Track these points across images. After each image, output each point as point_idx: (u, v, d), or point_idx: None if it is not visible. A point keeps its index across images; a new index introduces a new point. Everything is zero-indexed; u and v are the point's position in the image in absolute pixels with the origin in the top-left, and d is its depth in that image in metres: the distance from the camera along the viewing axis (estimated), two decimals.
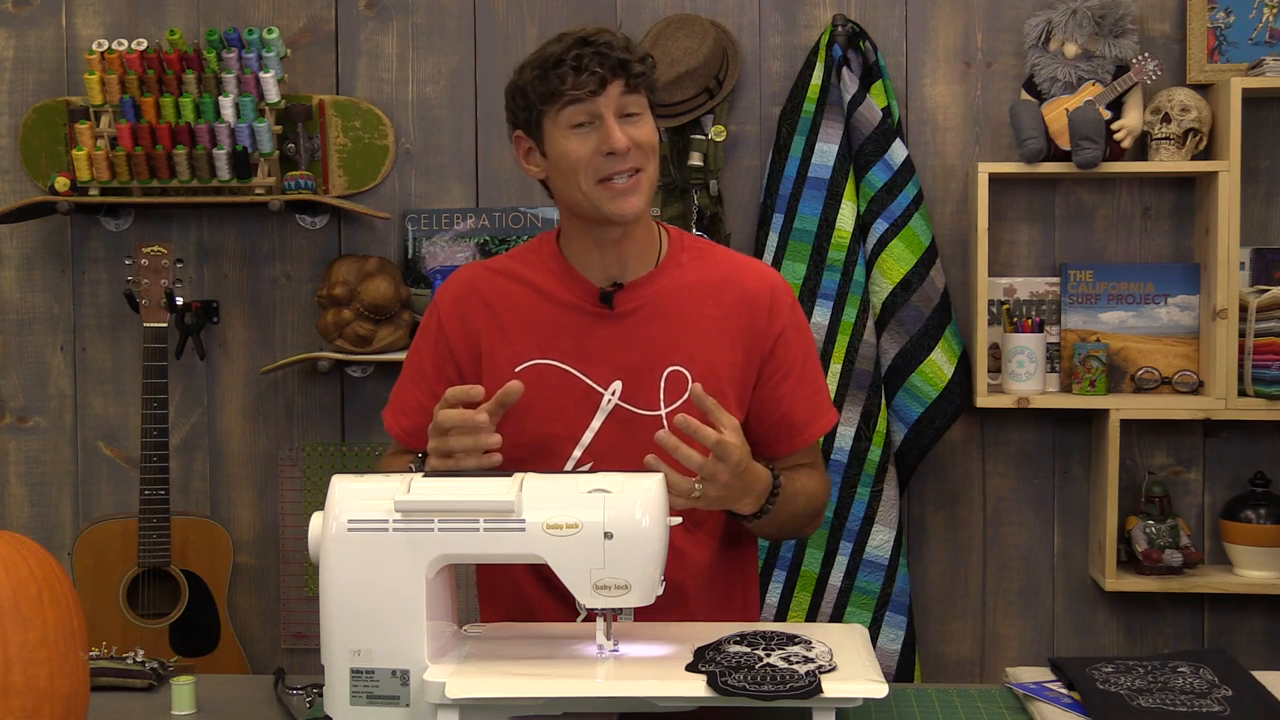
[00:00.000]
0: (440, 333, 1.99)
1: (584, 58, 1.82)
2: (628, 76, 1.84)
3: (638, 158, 1.87)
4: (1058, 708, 1.73)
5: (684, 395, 1.90)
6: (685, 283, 1.96)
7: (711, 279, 1.97)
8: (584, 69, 1.82)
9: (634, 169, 1.87)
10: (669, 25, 3.17)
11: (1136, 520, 3.09)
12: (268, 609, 3.39)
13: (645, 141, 1.87)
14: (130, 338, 3.36)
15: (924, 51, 3.24)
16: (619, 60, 1.84)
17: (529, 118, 1.90)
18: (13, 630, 1.48)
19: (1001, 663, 3.21)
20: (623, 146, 1.84)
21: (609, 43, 1.84)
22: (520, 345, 1.94)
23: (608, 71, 1.83)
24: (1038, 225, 3.23)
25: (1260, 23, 3.13)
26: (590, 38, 1.85)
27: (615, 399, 1.91)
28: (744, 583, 2.08)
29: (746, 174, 3.27)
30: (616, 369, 1.92)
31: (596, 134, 1.85)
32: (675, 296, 1.95)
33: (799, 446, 2.02)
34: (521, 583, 2.00)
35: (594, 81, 1.82)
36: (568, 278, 1.96)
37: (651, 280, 1.96)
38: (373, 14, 3.33)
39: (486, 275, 2.01)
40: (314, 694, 1.87)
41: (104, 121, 3.17)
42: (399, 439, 2.04)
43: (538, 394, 1.90)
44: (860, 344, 3.09)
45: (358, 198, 3.32)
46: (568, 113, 1.85)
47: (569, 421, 1.92)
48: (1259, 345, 2.99)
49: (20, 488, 3.42)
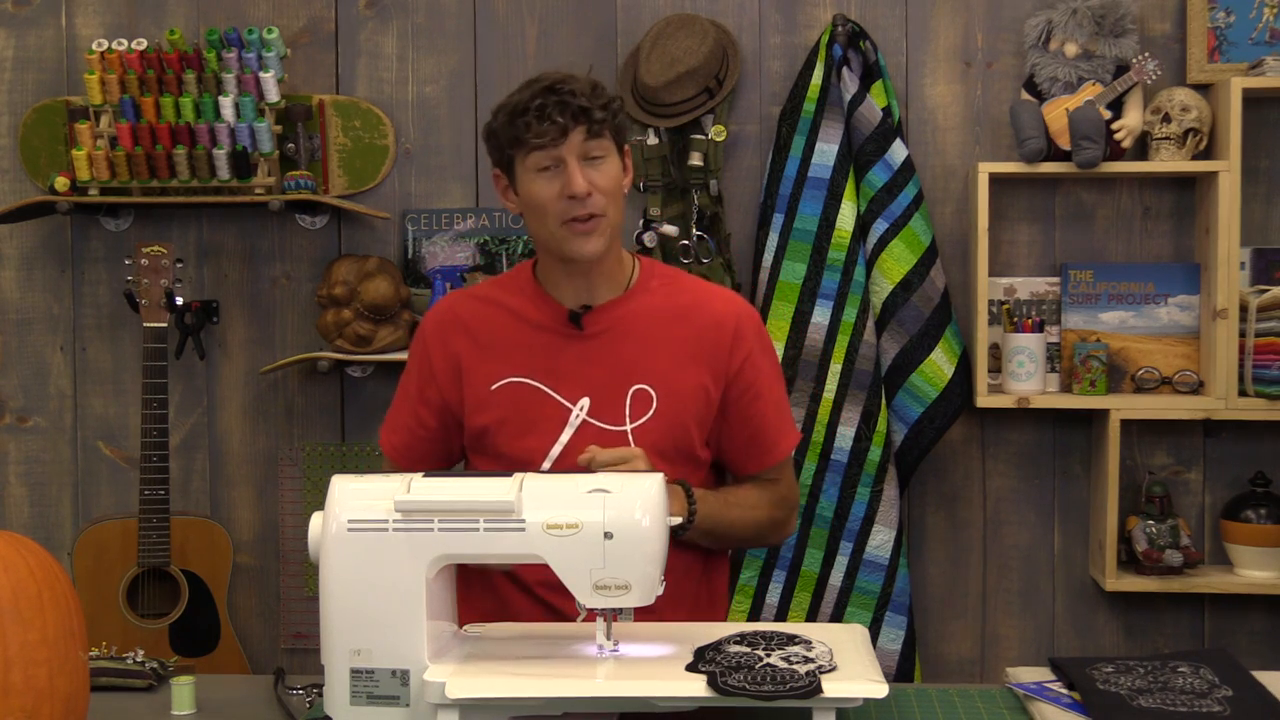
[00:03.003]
0: (424, 357, 2.12)
1: (547, 106, 1.94)
2: (589, 123, 1.96)
3: (598, 202, 1.98)
4: (1058, 708, 1.73)
5: (649, 412, 2.01)
6: (653, 307, 2.07)
7: (679, 304, 2.08)
8: (546, 117, 1.94)
9: (592, 214, 1.97)
10: (669, 25, 3.17)
11: (1136, 520, 3.09)
12: (268, 609, 3.39)
13: (605, 186, 1.99)
14: (130, 338, 3.36)
15: (924, 51, 3.24)
16: (580, 108, 1.95)
17: (501, 158, 2.04)
18: (13, 630, 1.48)
19: (1001, 663, 3.21)
20: (582, 191, 1.95)
21: (572, 90, 1.96)
22: (496, 365, 2.06)
23: (569, 120, 1.94)
24: (1038, 225, 3.23)
25: (1260, 23, 3.13)
26: (556, 85, 1.96)
27: (583, 414, 2.01)
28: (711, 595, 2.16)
29: (746, 174, 3.27)
30: (585, 386, 2.02)
31: (560, 178, 1.97)
32: (642, 319, 2.06)
33: (768, 464, 2.13)
34: (499, 587, 2.05)
35: (555, 130, 1.94)
36: (540, 301, 2.08)
37: (620, 304, 2.07)
38: (373, 14, 3.33)
39: (467, 301, 2.13)
40: (314, 694, 1.87)
41: (104, 121, 3.17)
42: (388, 455, 2.17)
43: (512, 410, 2.03)
44: (860, 344, 3.09)
45: (358, 198, 3.32)
46: (533, 158, 1.97)
47: (541, 435, 2.02)
48: (1259, 345, 2.99)
49: (20, 488, 3.42)
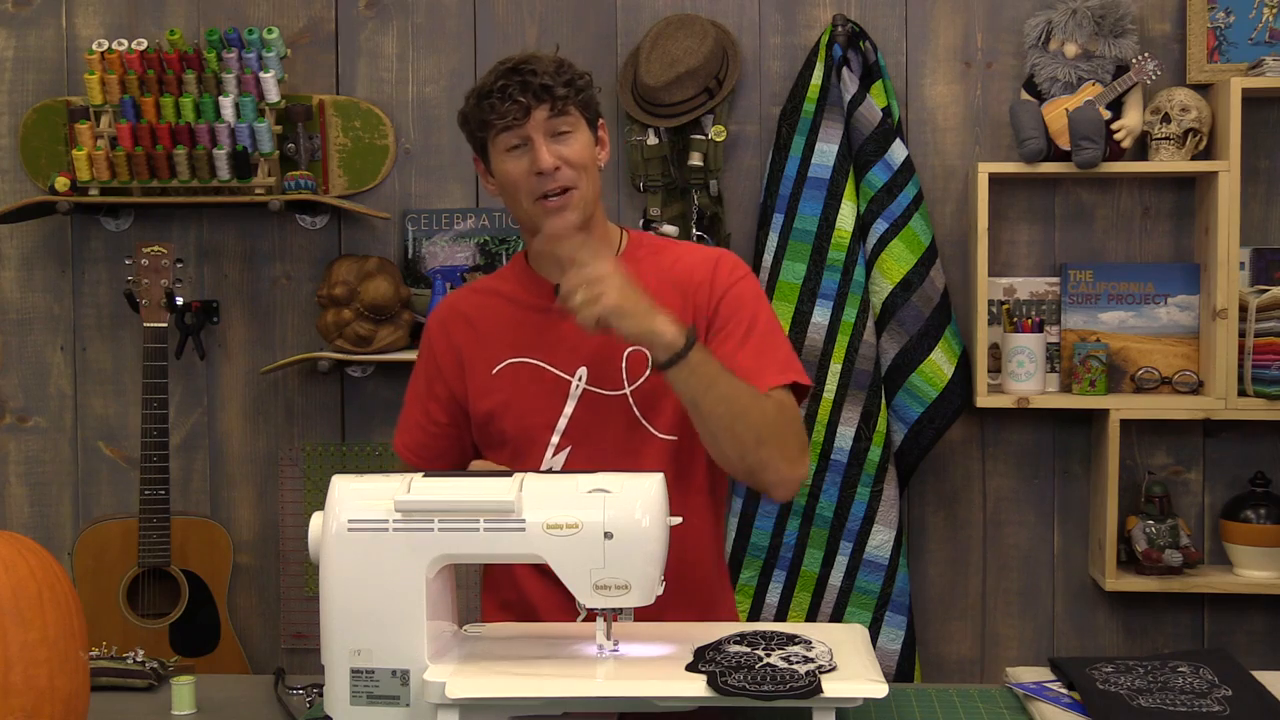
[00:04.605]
0: (430, 353, 2.16)
1: (509, 87, 1.97)
2: (552, 100, 1.98)
3: (568, 175, 2.00)
4: (1058, 708, 1.73)
5: (646, 371, 2.00)
6: (639, 274, 2.04)
7: (663, 264, 2.08)
8: (509, 97, 1.97)
9: (564, 187, 1.99)
10: (669, 25, 3.17)
11: (1136, 520, 3.09)
12: (268, 609, 3.39)
13: (574, 159, 2.00)
14: (130, 338, 3.36)
15: (924, 51, 3.24)
16: (542, 86, 1.97)
17: (475, 142, 2.07)
18: (13, 630, 1.48)
19: (1001, 663, 3.21)
20: (549, 166, 1.97)
21: (534, 70, 1.99)
22: (495, 350, 2.08)
23: (530, 99, 1.97)
24: (1038, 225, 3.23)
25: (1260, 23, 3.13)
26: (519, 65, 2.00)
27: (583, 384, 2.02)
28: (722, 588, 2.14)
29: (746, 174, 3.27)
30: (581, 356, 2.03)
31: (528, 156, 1.99)
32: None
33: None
34: (521, 577, 2.05)
35: (518, 110, 1.97)
36: (530, 281, 2.10)
37: None
38: (373, 14, 3.33)
39: (468, 295, 2.18)
40: (314, 694, 1.88)
41: (104, 121, 3.17)
42: (402, 457, 2.19)
43: (514, 391, 2.05)
44: (860, 344, 3.09)
45: (358, 198, 3.32)
46: (502, 138, 2.00)
47: (545, 411, 2.03)
48: (1259, 345, 2.99)
49: (20, 488, 3.42)
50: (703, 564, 2.08)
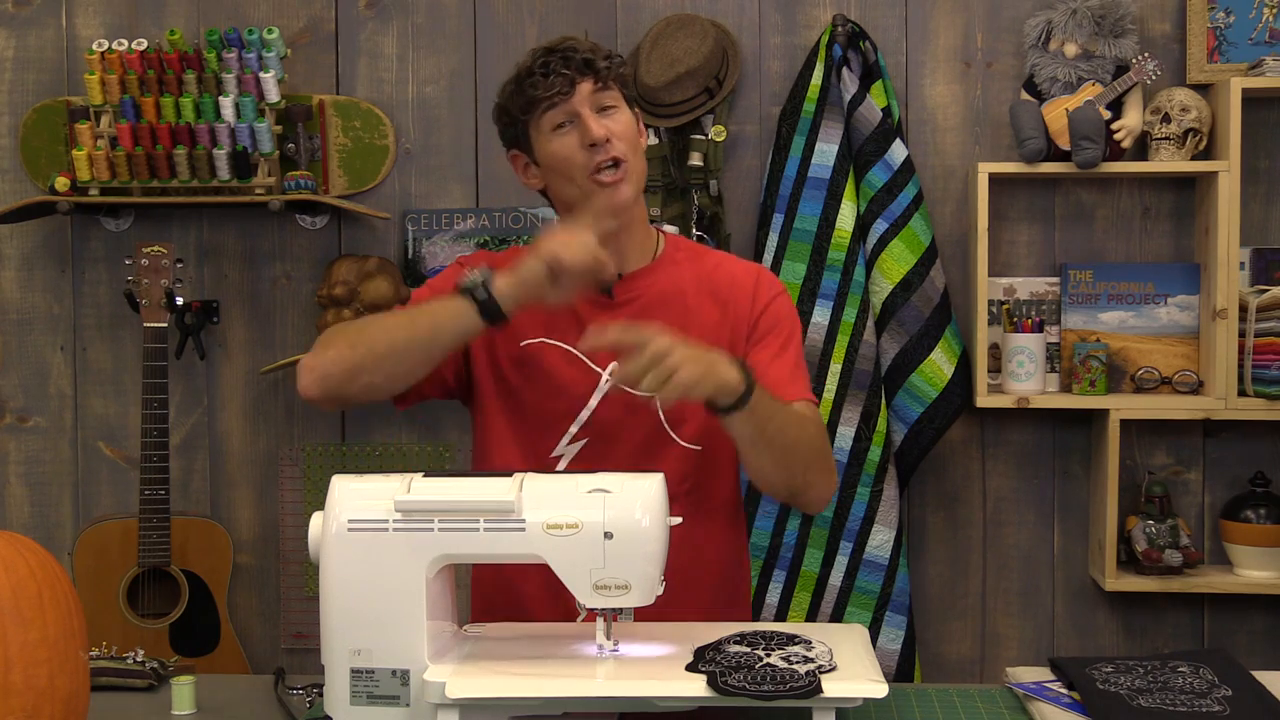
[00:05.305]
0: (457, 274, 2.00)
1: (551, 63, 1.95)
2: (595, 73, 1.96)
3: (619, 147, 1.96)
4: (1058, 708, 1.73)
5: None
6: (679, 277, 2.06)
7: (703, 271, 2.07)
8: (552, 73, 1.95)
9: (615, 159, 1.96)
10: (669, 25, 3.17)
11: (1136, 520, 3.09)
12: (268, 609, 3.39)
13: (622, 132, 1.98)
14: (130, 338, 3.36)
15: (924, 51, 3.24)
16: (584, 59, 1.96)
17: (516, 133, 2.03)
18: (13, 630, 1.48)
19: (1001, 663, 3.21)
20: (601, 136, 1.94)
21: (573, 46, 1.97)
22: (527, 321, 1.99)
23: (575, 72, 1.95)
24: (1038, 225, 3.23)
25: (1260, 23, 3.13)
26: (555, 46, 1.98)
27: (612, 380, 1.98)
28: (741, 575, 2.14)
29: (746, 174, 3.27)
30: (613, 352, 1.99)
31: (577, 131, 1.96)
32: (670, 289, 2.05)
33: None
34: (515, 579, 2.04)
35: (563, 83, 1.95)
36: None
37: (648, 273, 2.06)
38: (373, 14, 3.33)
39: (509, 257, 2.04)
40: (314, 694, 1.87)
41: (104, 121, 3.17)
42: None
43: (539, 370, 2.01)
44: (860, 344, 3.09)
45: (358, 198, 3.32)
46: (547, 117, 1.97)
47: (568, 398, 2.00)
48: (1259, 345, 2.99)
49: (20, 488, 3.42)
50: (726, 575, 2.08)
